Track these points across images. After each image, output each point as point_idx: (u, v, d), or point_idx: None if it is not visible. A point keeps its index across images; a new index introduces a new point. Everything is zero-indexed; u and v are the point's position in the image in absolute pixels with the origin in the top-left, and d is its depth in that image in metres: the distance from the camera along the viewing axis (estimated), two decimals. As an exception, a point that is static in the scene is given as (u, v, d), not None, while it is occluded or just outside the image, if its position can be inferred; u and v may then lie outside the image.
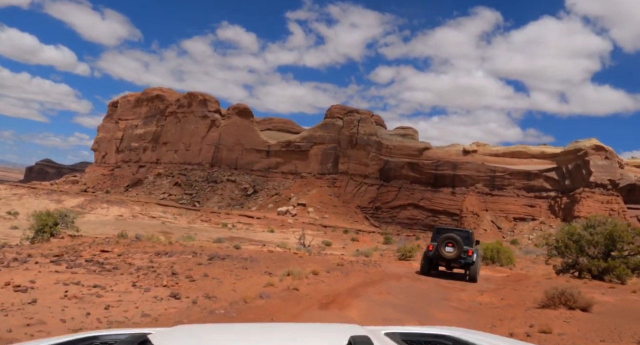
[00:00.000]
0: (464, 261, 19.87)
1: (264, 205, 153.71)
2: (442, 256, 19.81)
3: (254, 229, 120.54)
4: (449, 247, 19.71)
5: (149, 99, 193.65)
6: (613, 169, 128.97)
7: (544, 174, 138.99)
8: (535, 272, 30.78)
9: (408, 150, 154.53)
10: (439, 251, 19.84)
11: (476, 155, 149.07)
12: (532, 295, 14.08)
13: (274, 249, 31.04)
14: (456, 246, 19.58)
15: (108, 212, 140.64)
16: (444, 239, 19.95)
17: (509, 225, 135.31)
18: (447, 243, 19.80)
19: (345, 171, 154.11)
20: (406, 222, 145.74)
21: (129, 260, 14.20)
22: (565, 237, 25.26)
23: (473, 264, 19.91)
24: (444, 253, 19.71)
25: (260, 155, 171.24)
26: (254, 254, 20.71)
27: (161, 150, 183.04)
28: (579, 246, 24.74)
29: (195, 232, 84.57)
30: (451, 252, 19.64)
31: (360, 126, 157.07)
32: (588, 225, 25.08)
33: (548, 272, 32.08)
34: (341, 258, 25.13)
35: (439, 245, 19.85)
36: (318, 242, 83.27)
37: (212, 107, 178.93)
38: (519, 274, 23.97)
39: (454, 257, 19.70)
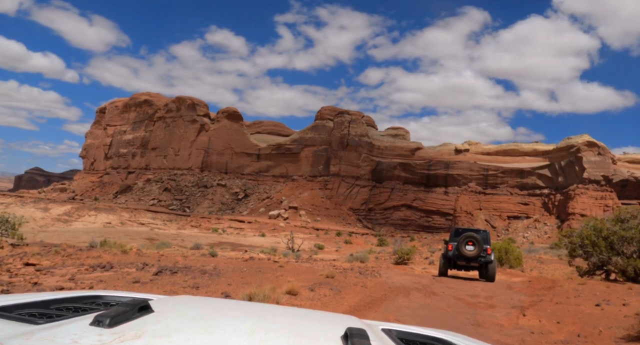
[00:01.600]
0: (484, 259, 19.71)
1: (255, 209, 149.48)
2: (463, 254, 19.62)
3: (245, 234, 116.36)
4: (470, 246, 19.70)
5: (137, 104, 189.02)
6: (606, 165, 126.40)
7: (537, 172, 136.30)
8: (553, 274, 26.97)
9: (400, 150, 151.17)
10: (459, 250, 19.70)
11: (468, 154, 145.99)
12: (590, 312, 10.28)
13: (257, 256, 27.11)
14: (477, 244, 19.60)
15: (96, 219, 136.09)
16: (465, 238, 19.87)
17: (504, 224, 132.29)
18: (468, 241, 19.77)
19: (337, 173, 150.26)
20: (400, 223, 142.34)
21: (42, 277, 10.23)
22: (592, 234, 21.42)
23: (491, 262, 19.78)
24: (465, 251, 19.57)
25: (251, 158, 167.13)
26: (223, 264, 16.77)
27: (150, 155, 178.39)
28: (608, 243, 20.93)
29: (182, 238, 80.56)
30: (472, 251, 19.56)
31: (351, 127, 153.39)
32: (618, 219, 21.27)
33: (566, 273, 28.30)
34: (332, 265, 21.23)
35: (460, 244, 19.72)
36: (310, 246, 79.68)
37: (201, 111, 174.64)
38: (543, 279, 20.14)
39: (475, 255, 19.56)
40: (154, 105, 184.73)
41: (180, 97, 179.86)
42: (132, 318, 1.79)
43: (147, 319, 1.83)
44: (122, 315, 1.75)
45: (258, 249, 60.87)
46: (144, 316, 1.86)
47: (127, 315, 1.78)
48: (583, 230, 22.03)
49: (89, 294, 2.63)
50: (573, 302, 12.41)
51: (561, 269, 33.92)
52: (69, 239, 53.98)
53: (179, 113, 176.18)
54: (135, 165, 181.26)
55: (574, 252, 22.41)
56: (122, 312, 1.76)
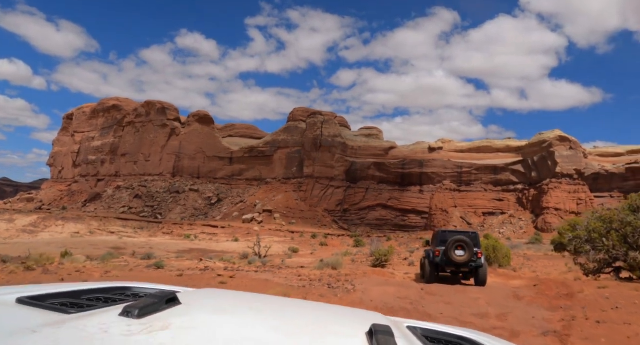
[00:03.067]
0: (475, 264, 17.79)
1: (229, 213, 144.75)
2: (453, 261, 17.59)
3: (218, 239, 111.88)
4: (460, 251, 17.68)
5: (106, 109, 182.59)
6: (578, 159, 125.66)
7: (510, 168, 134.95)
8: (550, 273, 23.72)
9: (374, 150, 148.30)
10: (448, 256, 17.64)
11: (442, 152, 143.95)
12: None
13: (213, 265, 23.26)
14: (467, 249, 17.60)
15: (63, 229, 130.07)
16: (454, 243, 17.76)
17: (479, 220, 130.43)
18: (457, 246, 17.73)
19: (311, 174, 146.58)
20: (375, 223, 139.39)
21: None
22: (601, 226, 18.09)
23: (482, 266, 17.93)
24: (455, 257, 17.53)
25: (223, 162, 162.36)
26: (149, 280, 12.86)
27: (120, 162, 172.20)
28: (621, 236, 17.62)
29: (151, 246, 76.06)
30: (462, 256, 17.58)
31: (324, 128, 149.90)
32: (632, 208, 17.97)
33: (562, 271, 25.08)
34: (299, 274, 17.53)
35: (449, 250, 17.63)
36: (284, 250, 76.33)
37: (172, 115, 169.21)
38: (551, 282, 16.71)
39: (466, 261, 17.56)
40: (123, 110, 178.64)
41: (149, 101, 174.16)
42: (160, 309, 1.80)
43: (175, 311, 1.84)
44: (151, 306, 1.76)
45: (229, 254, 57.61)
46: (171, 308, 1.87)
47: (156, 307, 1.79)
48: (590, 222, 18.68)
49: (119, 286, 2.66)
50: (616, 318, 8.95)
51: (553, 266, 30.80)
52: (29, 251, 49.37)
53: (148, 118, 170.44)
54: (105, 172, 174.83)
55: (580, 248, 19.04)
56: (150, 303, 1.78)
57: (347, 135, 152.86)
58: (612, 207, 18.94)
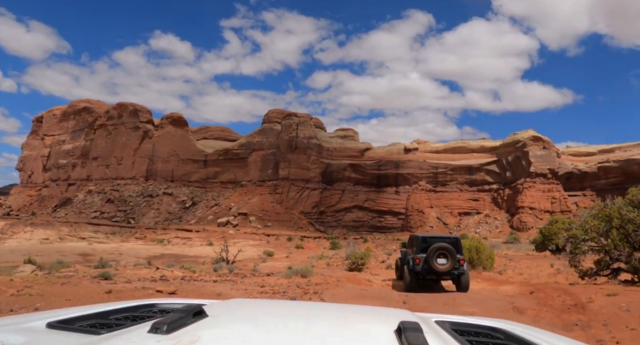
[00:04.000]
0: (457, 272, 16.63)
1: (204, 217, 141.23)
2: (435, 270, 16.30)
3: (192, 244, 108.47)
4: (442, 259, 16.42)
5: (76, 112, 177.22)
6: (551, 158, 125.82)
7: (485, 168, 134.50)
8: (538, 275, 21.74)
9: (349, 151, 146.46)
10: (429, 264, 16.27)
11: (417, 153, 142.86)
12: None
13: (170, 274, 20.71)
14: (449, 257, 16.39)
15: (32, 235, 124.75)
16: (436, 251, 16.43)
17: (455, 221, 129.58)
18: (439, 254, 16.45)
19: (287, 176, 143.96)
20: (352, 224, 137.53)
21: None
22: (599, 225, 16.08)
23: (464, 273, 16.85)
24: (437, 266, 16.25)
25: (198, 165, 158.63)
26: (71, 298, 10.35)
27: (91, 165, 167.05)
28: (622, 235, 15.64)
29: (120, 252, 72.76)
30: (444, 264, 16.30)
31: (299, 129, 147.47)
32: (633, 203, 16.02)
33: (550, 273, 23.16)
34: (262, 285, 15.13)
35: (430, 258, 16.29)
36: (259, 253, 73.96)
37: (144, 118, 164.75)
38: (548, 289, 14.57)
39: (448, 270, 16.35)
40: (94, 112, 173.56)
41: (121, 103, 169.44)
42: (188, 323, 1.80)
43: (203, 323, 1.85)
44: (178, 321, 1.76)
45: (202, 259, 55.28)
46: (199, 321, 1.87)
47: (183, 321, 1.79)
48: (587, 220, 16.67)
49: (145, 303, 2.69)
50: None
51: (538, 266, 28.93)
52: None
53: (120, 120, 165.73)
54: (76, 176, 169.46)
55: (576, 249, 17.01)
56: (178, 318, 1.78)
57: (322, 137, 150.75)
58: (608, 203, 16.98)
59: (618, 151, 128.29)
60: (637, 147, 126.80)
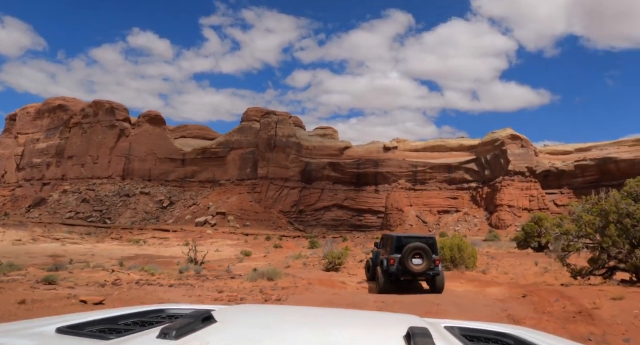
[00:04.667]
0: (433, 273, 15.92)
1: (182, 217, 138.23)
2: (410, 271, 15.52)
3: (169, 244, 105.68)
4: (417, 260, 15.70)
5: (51, 110, 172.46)
6: (529, 157, 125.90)
7: (464, 166, 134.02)
8: (525, 275, 20.13)
9: (329, 150, 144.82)
10: (405, 265, 15.46)
11: (397, 152, 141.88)
12: None
13: (127, 278, 18.65)
14: (425, 258, 15.69)
15: (4, 237, 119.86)
16: (411, 251, 15.69)
17: (434, 219, 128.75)
18: (415, 255, 15.72)
19: (266, 176, 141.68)
20: (332, 223, 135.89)
21: None
22: (595, 220, 14.46)
23: (439, 274, 16.17)
24: (412, 267, 15.49)
25: (176, 164, 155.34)
26: None
27: (67, 165, 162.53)
28: (621, 231, 14.04)
29: (94, 253, 70.01)
30: (420, 265, 15.60)
31: (278, 128, 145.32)
32: (632, 195, 14.45)
33: (537, 272, 21.61)
34: (220, 290, 13.20)
35: (405, 258, 15.53)
36: (236, 253, 71.95)
37: (121, 116, 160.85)
38: (543, 292, 12.88)
39: (424, 271, 15.61)
40: (70, 110, 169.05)
41: (97, 101, 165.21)
42: (197, 329, 1.79)
43: (212, 329, 1.84)
44: (187, 326, 1.76)
45: (177, 259, 53.51)
46: (208, 327, 1.87)
47: (192, 327, 1.78)
48: (581, 216, 15.04)
49: (153, 309, 2.68)
50: None
51: (522, 265, 27.44)
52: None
53: (96, 118, 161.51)
54: (51, 176, 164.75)
55: (569, 247, 15.39)
56: (187, 323, 1.78)
57: (302, 136, 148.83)
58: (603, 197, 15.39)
59: (595, 150, 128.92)
60: (613, 146, 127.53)
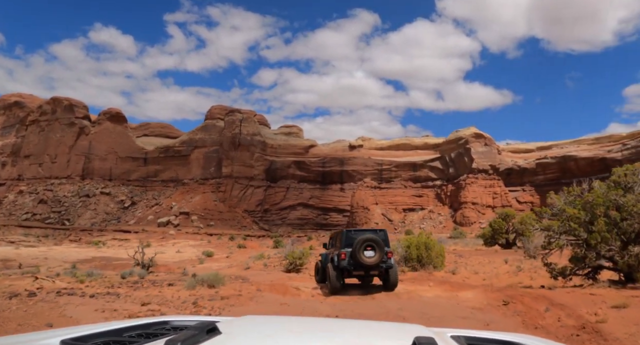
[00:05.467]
0: (385, 265, 15.42)
1: (144, 217, 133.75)
2: (362, 263, 14.98)
3: (129, 245, 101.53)
4: (369, 251, 15.10)
5: (6, 106, 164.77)
6: (492, 155, 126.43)
7: (428, 164, 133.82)
8: (494, 273, 18.25)
9: (294, 148, 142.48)
10: (356, 258, 14.93)
11: (362, 150, 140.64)
12: None
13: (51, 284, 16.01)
14: (377, 249, 15.11)
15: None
16: (363, 242, 15.10)
17: (400, 217, 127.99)
18: (366, 246, 15.12)
19: (230, 174, 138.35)
20: (297, 222, 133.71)
21: None
22: (581, 213, 12.59)
23: (392, 267, 15.67)
24: (364, 259, 14.93)
25: (137, 163, 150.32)
26: None
27: (23, 164, 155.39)
28: (612, 225, 12.19)
29: (46, 256, 66.05)
30: (372, 257, 15.03)
31: (242, 126, 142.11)
32: (619, 184, 12.63)
33: (510, 270, 19.80)
34: (143, 302, 10.77)
35: (357, 251, 14.88)
36: (198, 254, 69.16)
37: (80, 113, 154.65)
38: (527, 295, 10.83)
39: (376, 263, 15.06)
40: (26, 107, 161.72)
41: (56, 97, 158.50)
42: (201, 341, 1.77)
43: (216, 340, 1.82)
44: (192, 338, 1.73)
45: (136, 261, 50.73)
46: (212, 338, 1.85)
47: (197, 339, 1.76)
48: (564, 208, 13.15)
49: (158, 320, 2.65)
50: None
51: (491, 263, 25.70)
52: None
53: (54, 116, 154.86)
54: (6, 175, 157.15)
55: (549, 245, 13.49)
56: (191, 335, 1.75)
57: (266, 134, 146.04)
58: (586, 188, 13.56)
59: (555, 148, 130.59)
60: (573, 144, 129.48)
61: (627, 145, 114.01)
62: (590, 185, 13.76)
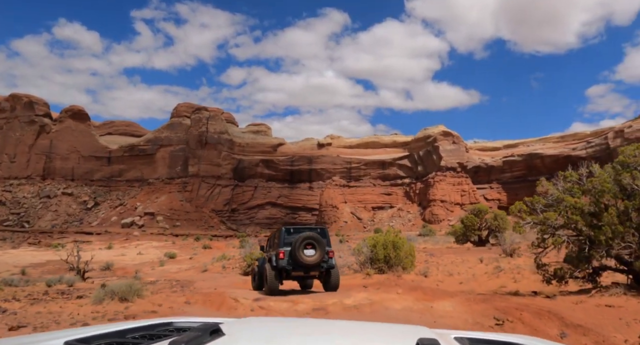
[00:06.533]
0: (326, 265, 14.30)
1: (107, 218, 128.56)
2: (302, 262, 13.71)
3: (90, 247, 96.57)
4: (309, 250, 13.88)
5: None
6: (461, 153, 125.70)
7: (397, 162, 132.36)
8: (470, 273, 15.64)
9: (262, 147, 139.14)
10: (296, 257, 13.73)
11: (331, 148, 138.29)
12: None
13: None
14: (317, 247, 13.94)
15: None
16: (302, 240, 13.82)
17: (369, 215, 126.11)
18: (306, 244, 13.90)
19: (196, 173, 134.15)
20: (265, 222, 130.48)
21: None
22: (580, 204, 9.99)
23: (334, 267, 14.56)
24: (304, 258, 13.70)
25: (101, 162, 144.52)
26: None
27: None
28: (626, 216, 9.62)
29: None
30: (313, 256, 13.82)
31: (209, 124, 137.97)
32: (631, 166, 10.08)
33: (488, 271, 17.25)
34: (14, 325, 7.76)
35: (296, 249, 13.68)
36: (160, 255, 65.85)
37: (41, 111, 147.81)
38: (526, 309, 8.13)
39: (317, 262, 13.88)
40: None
41: (15, 94, 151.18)
42: (205, 342, 1.76)
43: (220, 342, 1.81)
44: (196, 340, 1.73)
45: (92, 264, 47.35)
46: (216, 340, 1.83)
47: (200, 340, 1.75)
48: (562, 196, 10.55)
49: (161, 322, 2.63)
50: None
51: (464, 262, 23.20)
52: None
53: (13, 113, 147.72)
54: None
55: (543, 243, 10.90)
56: (195, 337, 1.74)
57: (234, 132, 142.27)
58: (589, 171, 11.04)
59: (521, 146, 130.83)
60: (538, 142, 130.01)
61: (591, 143, 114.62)
62: (589, 168, 11.26)
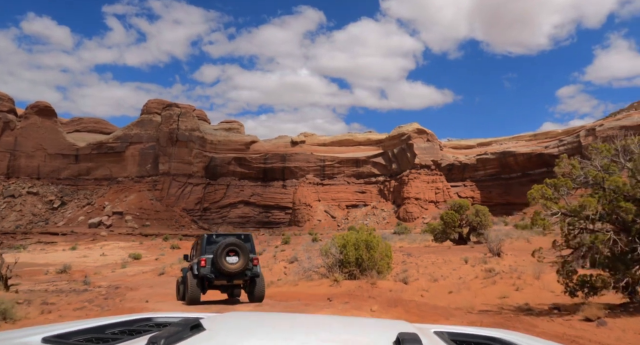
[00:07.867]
0: (251, 273, 13.56)
1: (74, 218, 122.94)
2: (224, 270, 13.07)
3: (54, 249, 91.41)
4: (232, 257, 13.24)
5: None
6: (435, 151, 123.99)
7: (371, 160, 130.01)
8: (460, 279, 12.49)
9: (234, 144, 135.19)
10: (218, 264, 13.07)
11: (305, 146, 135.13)
12: None
13: None
14: (241, 255, 13.25)
15: None
16: (225, 247, 13.17)
17: (343, 213, 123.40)
18: (229, 251, 13.19)
19: (167, 172, 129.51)
20: (238, 221, 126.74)
21: None
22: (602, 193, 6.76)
23: (259, 276, 13.81)
24: (226, 265, 13.08)
25: (68, 160, 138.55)
26: None
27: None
28: None
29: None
30: (236, 263, 13.21)
31: (180, 121, 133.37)
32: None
33: (478, 274, 14.14)
34: None
35: (218, 256, 13.04)
36: (124, 257, 61.96)
37: (5, 107, 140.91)
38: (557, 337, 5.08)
39: (240, 270, 13.19)
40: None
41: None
42: (185, 337, 1.74)
43: (200, 337, 1.79)
44: (176, 335, 1.70)
45: (53, 267, 42.76)
46: (196, 335, 1.81)
47: (180, 335, 1.73)
48: (604, 176, 7.46)
49: (141, 317, 2.61)
50: None
51: (447, 263, 20.16)
52: None
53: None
54: None
55: (573, 240, 7.78)
56: (175, 332, 1.72)
57: (205, 129, 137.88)
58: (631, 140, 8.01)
59: (495, 144, 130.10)
60: (511, 140, 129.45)
61: (563, 141, 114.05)
62: (624, 140, 8.24)
